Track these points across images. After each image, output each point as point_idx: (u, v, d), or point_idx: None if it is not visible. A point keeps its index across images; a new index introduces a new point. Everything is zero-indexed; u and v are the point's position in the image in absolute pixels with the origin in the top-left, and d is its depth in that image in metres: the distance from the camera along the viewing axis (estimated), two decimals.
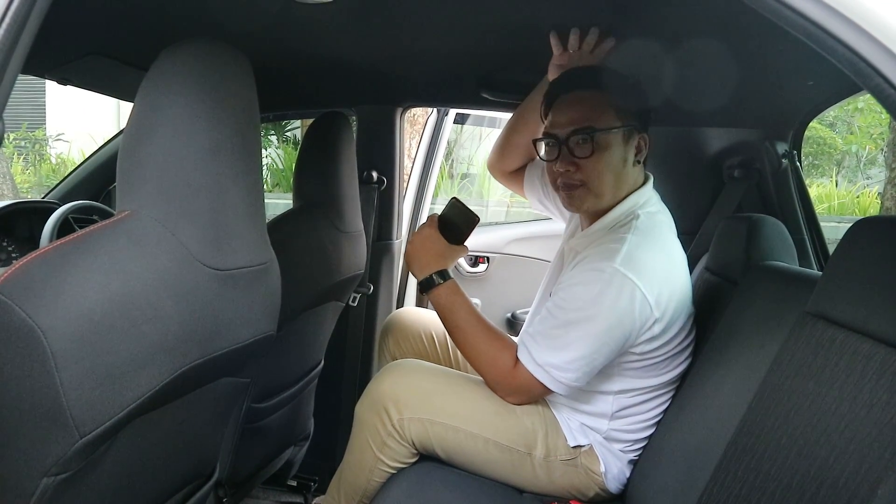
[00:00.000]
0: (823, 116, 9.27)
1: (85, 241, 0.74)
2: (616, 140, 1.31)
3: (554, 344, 1.26)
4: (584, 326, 1.23)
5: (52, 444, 0.70)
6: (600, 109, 1.31)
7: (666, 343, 1.29)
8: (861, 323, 0.83)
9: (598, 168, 1.31)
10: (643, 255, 1.24)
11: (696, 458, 1.11)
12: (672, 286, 1.27)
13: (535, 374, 1.28)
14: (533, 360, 1.28)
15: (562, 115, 1.34)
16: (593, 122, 1.30)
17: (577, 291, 1.26)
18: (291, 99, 2.08)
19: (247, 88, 0.92)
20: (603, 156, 1.30)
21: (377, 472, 1.35)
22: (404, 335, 1.75)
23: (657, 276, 1.24)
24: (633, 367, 1.31)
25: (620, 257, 1.22)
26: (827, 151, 9.37)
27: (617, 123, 1.31)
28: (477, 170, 7.49)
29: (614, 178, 1.33)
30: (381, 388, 1.35)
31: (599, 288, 1.22)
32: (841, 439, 0.75)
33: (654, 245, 1.28)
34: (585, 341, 1.23)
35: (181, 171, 0.81)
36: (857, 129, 9.40)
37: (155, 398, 0.80)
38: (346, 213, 1.61)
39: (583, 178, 1.32)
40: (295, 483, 2.09)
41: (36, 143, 9.54)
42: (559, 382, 1.27)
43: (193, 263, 0.82)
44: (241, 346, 0.94)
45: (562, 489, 1.38)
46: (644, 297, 1.21)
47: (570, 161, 1.32)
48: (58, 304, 0.68)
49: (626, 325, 1.22)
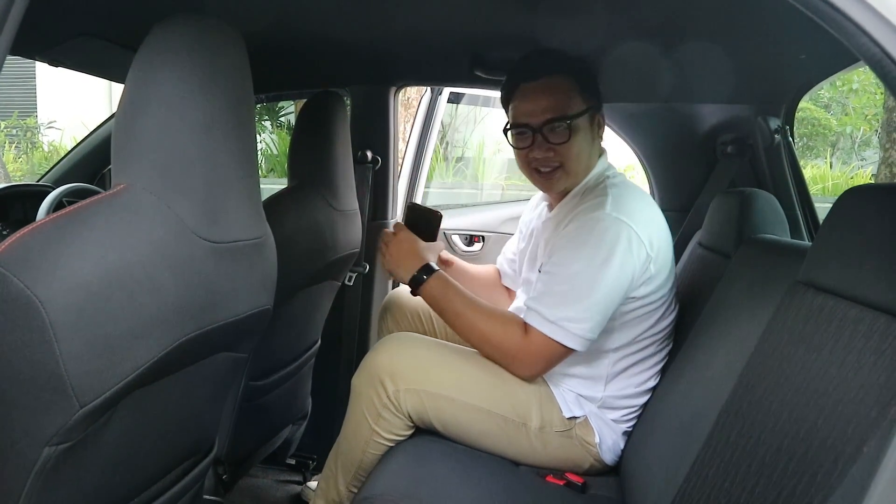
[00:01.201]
0: (818, 97, 9.29)
1: (81, 214, 0.74)
2: (584, 122, 1.39)
3: (563, 299, 1.28)
4: (588, 274, 1.26)
5: (53, 414, 0.71)
6: (569, 95, 1.38)
7: (659, 287, 1.34)
8: (850, 289, 0.84)
9: (574, 151, 1.38)
10: (628, 202, 1.32)
11: (690, 427, 1.12)
12: (658, 229, 1.34)
13: (549, 334, 1.28)
14: (545, 320, 1.29)
15: (532, 103, 1.39)
16: (566, 109, 1.37)
17: (575, 245, 1.30)
18: (285, 80, 2.08)
19: (239, 64, 0.92)
20: (577, 139, 1.38)
21: (373, 444, 1.36)
22: (402, 313, 1.76)
23: (644, 219, 1.31)
24: (631, 315, 1.35)
25: (609, 205, 1.29)
26: (821, 132, 9.38)
27: (584, 107, 1.39)
28: (472, 153, 7.49)
29: (587, 157, 1.41)
30: (377, 361, 1.36)
31: (597, 235, 1.27)
32: (829, 401, 0.77)
33: (633, 195, 1.37)
34: (593, 287, 1.26)
35: (175, 144, 0.82)
36: (851, 110, 9.41)
37: (153, 370, 0.81)
38: (341, 192, 1.61)
39: (560, 161, 1.39)
40: (293, 462, 2.11)
41: (28, 131, 9.48)
42: (576, 336, 1.27)
43: (189, 236, 0.82)
44: (237, 319, 0.95)
45: (557, 461, 1.40)
46: (639, 238, 1.27)
47: (546, 148, 1.39)
48: (55, 276, 0.69)
49: (627, 267, 1.27)
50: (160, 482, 1.03)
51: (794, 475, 0.77)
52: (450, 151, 7.50)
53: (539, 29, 1.43)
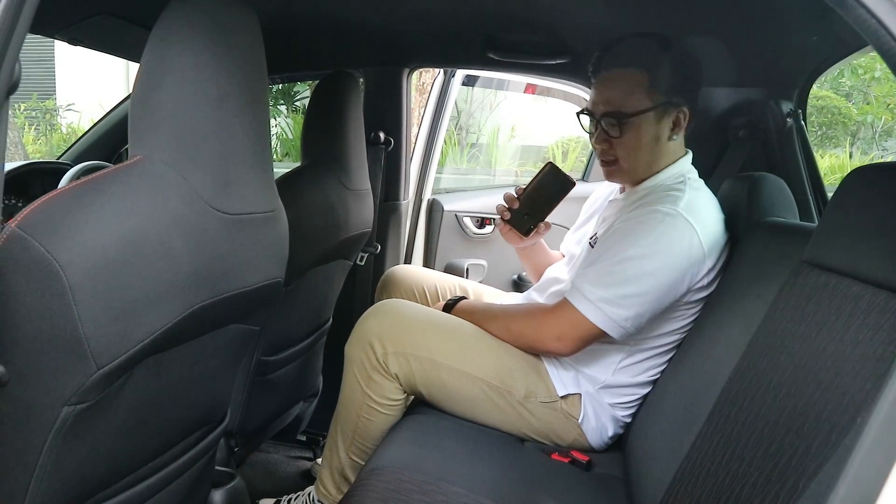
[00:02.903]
0: (839, 86, 9.15)
1: (100, 183, 0.77)
2: (647, 120, 1.35)
3: (609, 280, 1.27)
4: (641, 263, 1.25)
5: (72, 375, 0.74)
6: (631, 91, 1.34)
7: (705, 298, 1.34)
8: (852, 267, 0.85)
9: (629, 147, 1.37)
10: (702, 205, 1.31)
11: (693, 405, 1.14)
12: (721, 241, 1.32)
13: (585, 313, 1.28)
14: (584, 298, 1.28)
15: (598, 93, 1.40)
16: (622, 106, 1.34)
17: (638, 230, 1.28)
18: (298, 61, 2.09)
19: (253, 40, 0.94)
20: (633, 136, 1.36)
21: (365, 408, 1.39)
22: (398, 290, 1.81)
23: (712, 228, 1.30)
24: (667, 316, 1.35)
25: (683, 203, 1.28)
26: (841, 122, 9.25)
27: (647, 105, 1.34)
28: (486, 139, 7.48)
29: (648, 155, 1.38)
30: (366, 325, 1.40)
31: (661, 229, 1.26)
32: (827, 375, 0.78)
33: (709, 201, 1.35)
34: (642, 279, 1.25)
35: (190, 117, 0.84)
36: (873, 99, 9.26)
37: (168, 336, 0.83)
38: (353, 171, 1.63)
39: (615, 155, 1.39)
40: (304, 438, 2.15)
41: (47, 113, 9.58)
42: (612, 321, 1.26)
43: (203, 206, 0.85)
44: (249, 289, 0.97)
45: (540, 432, 1.42)
46: (700, 244, 1.26)
47: (604, 139, 1.39)
48: (75, 241, 0.72)
49: (680, 269, 1.26)
50: (174, 449, 1.06)
51: (790, 447, 0.78)
52: (464, 137, 7.50)
53: (552, 11, 1.44)
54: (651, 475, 1.18)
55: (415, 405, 1.50)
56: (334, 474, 1.48)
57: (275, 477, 2.03)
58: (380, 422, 1.40)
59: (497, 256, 2.47)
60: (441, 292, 1.82)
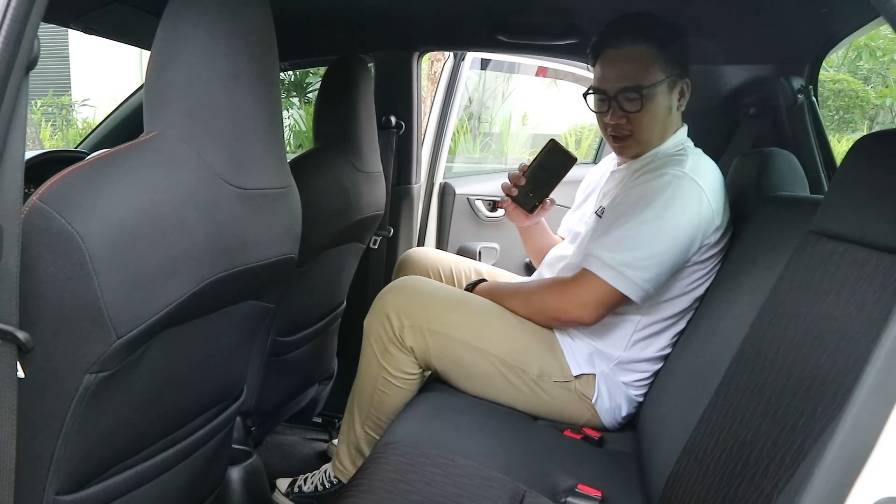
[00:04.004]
0: (857, 69, 8.99)
1: (117, 158, 0.79)
2: (662, 91, 1.40)
3: (628, 244, 1.30)
4: (656, 225, 1.29)
5: (93, 343, 0.76)
6: (647, 64, 1.38)
7: (713, 256, 1.37)
8: (859, 233, 0.85)
9: (646, 119, 1.41)
10: (705, 166, 1.36)
11: (702, 378, 1.15)
12: (724, 201, 1.37)
13: (608, 279, 1.30)
14: (604, 265, 1.31)
15: (610, 70, 1.42)
16: (641, 79, 1.38)
17: (649, 194, 1.32)
18: (308, 46, 2.11)
19: (263, 19, 0.96)
20: (650, 108, 1.40)
21: (381, 380, 1.43)
22: (415, 272, 1.83)
23: (716, 187, 1.34)
24: (678, 278, 1.37)
25: (688, 165, 1.33)
26: (860, 105, 9.10)
27: (662, 77, 1.39)
28: (498, 128, 7.46)
29: (661, 126, 1.43)
30: (384, 299, 1.44)
31: (671, 190, 1.30)
32: (833, 339, 0.79)
33: (710, 163, 1.39)
34: (658, 238, 1.29)
35: (203, 94, 0.86)
36: (892, 82, 9.10)
37: (184, 307, 0.86)
38: (365, 154, 1.65)
39: (632, 128, 1.42)
40: (320, 420, 2.18)
41: (62, 109, 9.68)
42: (634, 284, 1.29)
43: (217, 181, 0.87)
44: (263, 263, 0.99)
45: (554, 411, 1.44)
46: (709, 203, 1.30)
47: (620, 115, 1.42)
48: (94, 213, 0.74)
49: (693, 227, 1.30)
50: (192, 423, 1.09)
51: (797, 411, 0.79)
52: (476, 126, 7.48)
53: None
54: (661, 449, 1.19)
55: (429, 382, 1.52)
56: (350, 449, 1.51)
57: (291, 458, 2.07)
58: (395, 395, 1.43)
59: (509, 239, 2.48)
60: (457, 275, 1.84)
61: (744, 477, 0.85)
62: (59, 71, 9.73)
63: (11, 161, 0.63)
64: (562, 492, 1.16)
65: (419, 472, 1.11)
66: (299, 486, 1.67)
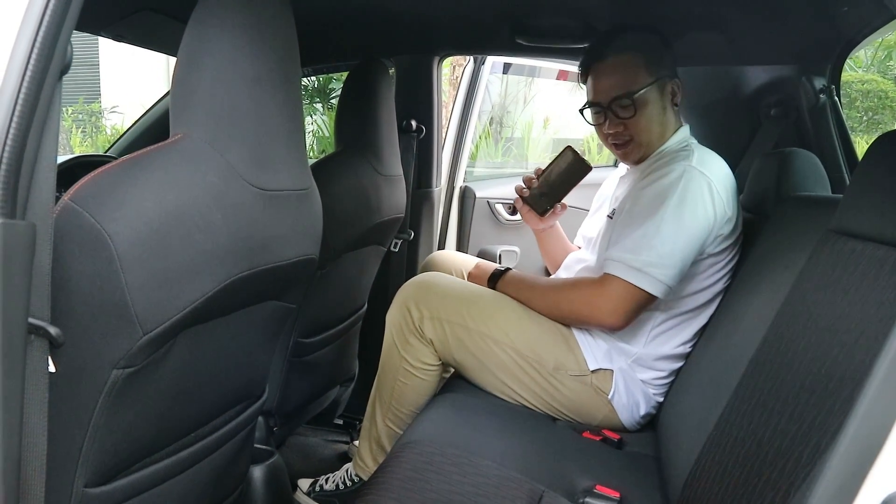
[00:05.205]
0: (887, 70, 8.82)
1: (144, 159, 0.82)
2: (652, 94, 1.44)
3: (650, 243, 1.32)
4: (674, 220, 1.31)
5: (120, 339, 0.79)
6: (633, 71, 1.43)
7: (728, 248, 1.39)
8: (878, 231, 0.85)
9: (643, 123, 1.45)
10: (710, 159, 1.39)
11: (722, 377, 1.14)
12: (734, 194, 1.39)
13: (634, 281, 1.32)
14: (629, 268, 1.33)
15: (600, 82, 1.47)
16: (630, 86, 1.43)
17: (661, 191, 1.35)
18: (329, 51, 2.14)
19: (286, 24, 0.98)
20: (644, 111, 1.44)
21: (402, 371, 1.47)
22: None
23: (725, 180, 1.37)
24: (694, 271, 1.39)
25: (695, 159, 1.36)
26: (889, 106, 8.93)
27: (650, 80, 1.43)
28: (520, 133, 7.46)
29: (658, 127, 1.47)
30: (406, 292, 1.49)
31: (683, 184, 1.33)
32: (850, 337, 0.78)
33: (715, 156, 1.42)
34: (678, 233, 1.31)
35: (227, 97, 0.88)
36: None
37: (208, 305, 0.88)
38: (385, 157, 1.67)
39: (630, 134, 1.46)
40: (341, 422, 2.20)
41: (92, 116, 9.89)
42: (659, 282, 1.32)
43: (240, 182, 0.89)
44: (285, 264, 1.01)
45: (570, 406, 1.45)
46: (719, 194, 1.33)
47: (616, 123, 1.46)
48: (121, 212, 0.76)
49: (708, 219, 1.33)
50: (215, 420, 1.11)
51: (814, 408, 0.79)
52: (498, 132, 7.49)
53: None
54: (681, 449, 1.19)
55: (449, 383, 1.53)
56: (372, 445, 1.54)
57: (312, 459, 2.09)
58: (416, 386, 1.47)
59: (529, 243, 2.47)
60: None
61: (761, 476, 0.85)
62: (90, 78, 9.95)
63: (45, 162, 0.66)
64: (580, 492, 1.16)
65: (438, 471, 1.12)
66: (320, 485, 1.70)
